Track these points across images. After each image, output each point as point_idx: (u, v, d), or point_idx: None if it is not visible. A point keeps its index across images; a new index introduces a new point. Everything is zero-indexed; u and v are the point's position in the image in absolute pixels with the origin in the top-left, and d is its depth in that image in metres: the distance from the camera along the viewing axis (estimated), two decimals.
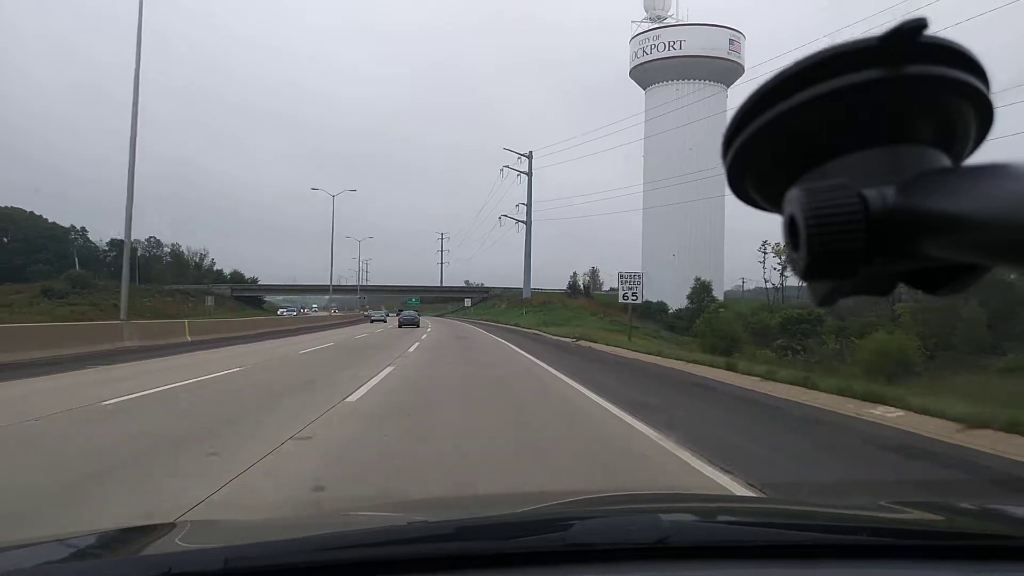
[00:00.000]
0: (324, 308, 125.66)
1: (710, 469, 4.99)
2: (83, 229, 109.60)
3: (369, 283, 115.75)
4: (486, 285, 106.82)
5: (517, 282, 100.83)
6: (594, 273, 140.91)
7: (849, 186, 0.36)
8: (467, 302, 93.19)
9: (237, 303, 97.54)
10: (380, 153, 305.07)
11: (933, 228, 0.34)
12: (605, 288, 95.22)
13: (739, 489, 4.43)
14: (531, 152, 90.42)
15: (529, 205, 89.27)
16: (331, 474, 4.75)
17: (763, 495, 4.25)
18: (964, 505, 1.70)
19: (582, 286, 73.77)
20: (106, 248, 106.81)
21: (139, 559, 1.12)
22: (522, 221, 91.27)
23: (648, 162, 79.90)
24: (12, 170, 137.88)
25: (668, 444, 5.92)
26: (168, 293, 75.20)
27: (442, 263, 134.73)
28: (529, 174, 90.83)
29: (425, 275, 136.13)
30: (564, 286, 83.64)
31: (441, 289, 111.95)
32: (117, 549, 1.25)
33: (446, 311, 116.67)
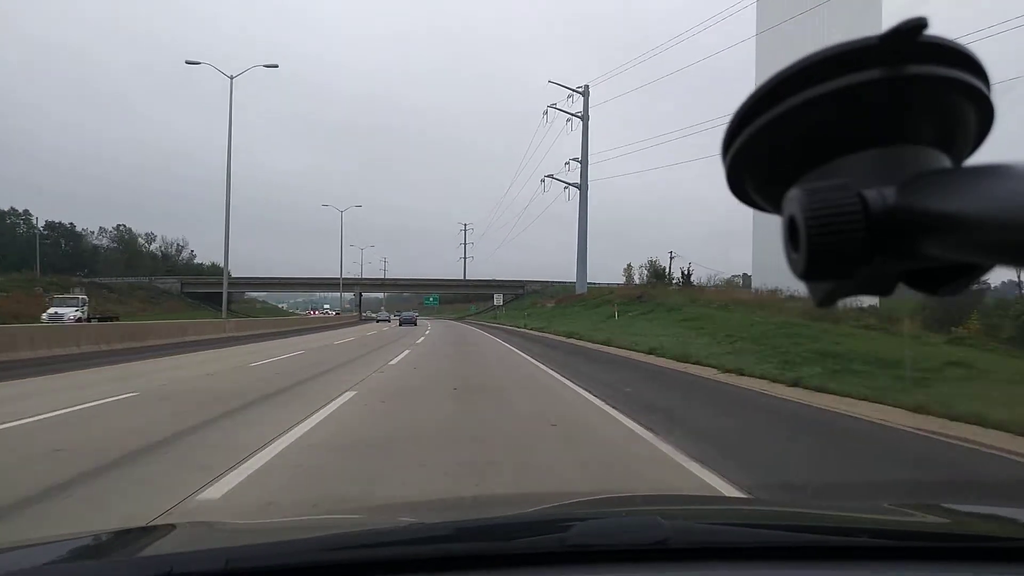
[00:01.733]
0: (334, 308, 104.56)
1: None
2: (26, 212, 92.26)
3: (371, 277, 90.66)
4: (520, 279, 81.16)
5: (557, 276, 76.19)
6: (654, 265, 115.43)
7: (849, 186, 0.36)
8: (498, 299, 66.91)
9: (191, 301, 73.77)
10: (399, 151, 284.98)
11: (933, 228, 0.34)
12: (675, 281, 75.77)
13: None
14: (587, 87, 64.35)
15: (585, 160, 63.70)
16: None
17: (763, 497, 4.08)
18: (965, 507, 1.70)
19: (684, 272, 47.42)
20: (44, 232, 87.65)
21: (140, 560, 1.12)
22: (574, 184, 65.82)
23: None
24: None
25: None
26: (51, 286, 51.05)
27: (465, 257, 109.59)
28: (584, 117, 64.83)
29: (448, 274, 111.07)
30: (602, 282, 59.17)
31: (464, 283, 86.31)
32: (118, 550, 1.24)
33: (468, 312, 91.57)
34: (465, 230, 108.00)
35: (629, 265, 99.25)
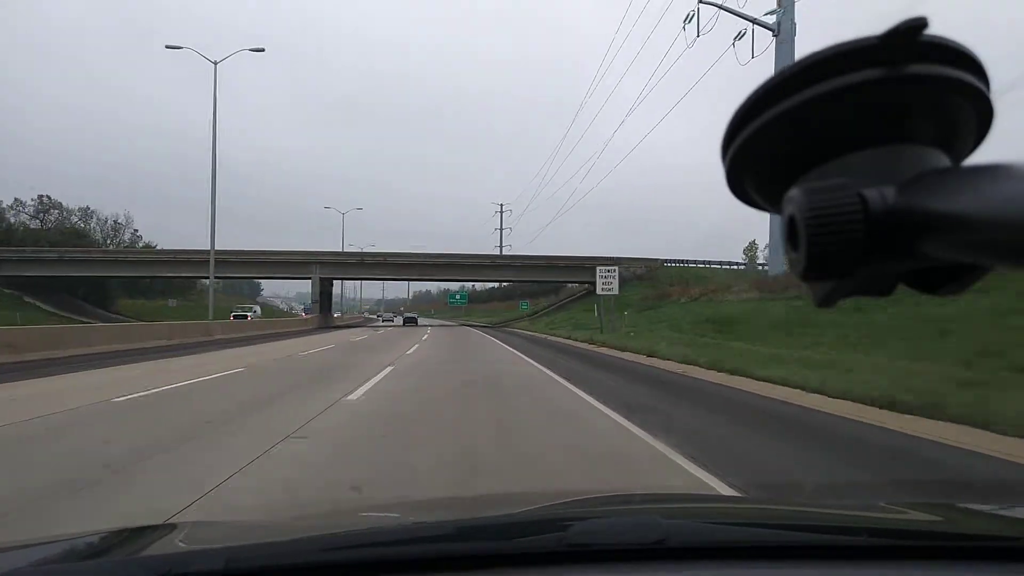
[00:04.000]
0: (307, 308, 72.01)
1: None
2: None
3: (348, 251, 55.37)
4: (608, 256, 44.96)
5: (637, 253, 41.08)
6: (753, 246, 75.64)
7: (849, 186, 0.36)
8: (608, 280, 27.69)
9: (7, 293, 41.10)
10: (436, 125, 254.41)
11: (933, 228, 0.34)
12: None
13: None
14: None
15: None
16: None
17: (762, 495, 4.06)
18: (963, 506, 1.68)
19: None
20: None
21: (139, 559, 1.11)
22: (762, 24, 28.76)
23: None
24: None
25: None
26: None
27: (502, 245, 73.50)
28: None
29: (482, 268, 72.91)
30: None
31: (504, 261, 49.97)
32: (117, 549, 1.23)
33: (520, 313, 56.05)
34: (501, 210, 72.09)
35: (753, 243, 59.59)
